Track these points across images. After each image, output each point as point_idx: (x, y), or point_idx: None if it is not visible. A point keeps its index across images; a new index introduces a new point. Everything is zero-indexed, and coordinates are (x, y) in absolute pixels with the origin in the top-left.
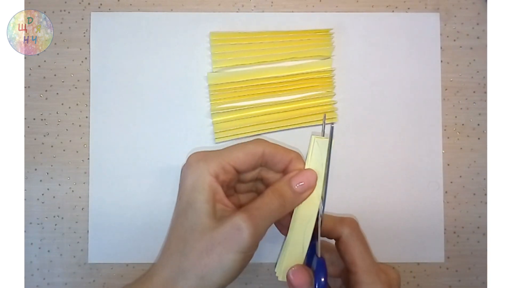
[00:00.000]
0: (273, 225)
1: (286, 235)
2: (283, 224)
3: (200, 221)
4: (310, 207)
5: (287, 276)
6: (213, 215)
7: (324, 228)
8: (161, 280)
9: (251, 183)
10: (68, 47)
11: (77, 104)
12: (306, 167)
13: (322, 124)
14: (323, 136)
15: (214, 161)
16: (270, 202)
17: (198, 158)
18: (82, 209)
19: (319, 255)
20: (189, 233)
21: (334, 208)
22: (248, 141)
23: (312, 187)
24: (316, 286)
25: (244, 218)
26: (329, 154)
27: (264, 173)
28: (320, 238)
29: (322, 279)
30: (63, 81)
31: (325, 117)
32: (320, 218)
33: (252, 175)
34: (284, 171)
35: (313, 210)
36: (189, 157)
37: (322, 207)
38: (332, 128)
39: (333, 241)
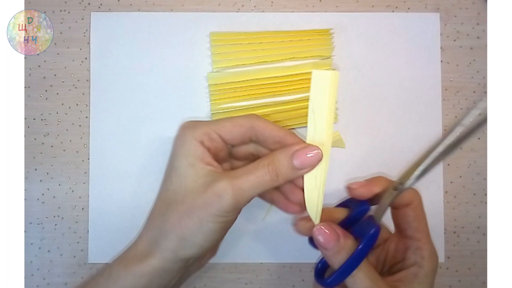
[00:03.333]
0: (272, 227)
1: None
2: (271, 199)
3: (183, 185)
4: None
5: (313, 235)
6: (196, 178)
7: (363, 188)
8: (144, 244)
9: (246, 161)
10: (68, 47)
11: (77, 104)
12: (310, 108)
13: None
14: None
15: (201, 128)
16: (262, 175)
17: (186, 126)
18: (82, 209)
19: (379, 223)
20: (173, 197)
21: None
22: (241, 115)
23: (313, 166)
24: (359, 249)
25: (228, 186)
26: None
27: (260, 150)
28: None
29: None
30: (63, 81)
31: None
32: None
33: (245, 150)
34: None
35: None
36: (179, 126)
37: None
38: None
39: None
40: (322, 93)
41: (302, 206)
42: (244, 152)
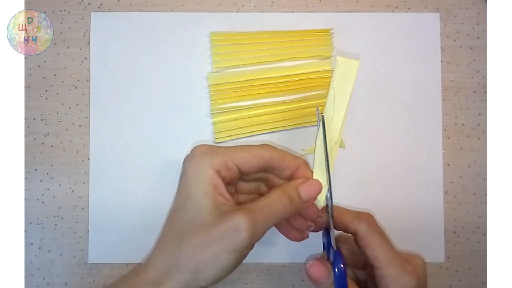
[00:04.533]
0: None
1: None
2: (278, 226)
3: (198, 215)
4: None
5: (306, 270)
6: (212, 209)
7: (339, 222)
8: (155, 272)
9: (253, 184)
10: (68, 47)
11: (77, 104)
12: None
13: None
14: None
15: (218, 156)
16: (276, 205)
17: (202, 150)
18: (82, 209)
19: (335, 248)
20: (187, 227)
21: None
22: (256, 144)
23: (315, 198)
24: (334, 279)
25: (244, 219)
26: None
27: (268, 176)
28: (335, 231)
29: (337, 270)
30: (63, 81)
31: (318, 110)
32: (330, 210)
33: (255, 176)
34: (290, 178)
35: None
36: (193, 148)
37: (330, 198)
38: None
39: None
40: (347, 81)
41: (303, 234)
42: (254, 177)
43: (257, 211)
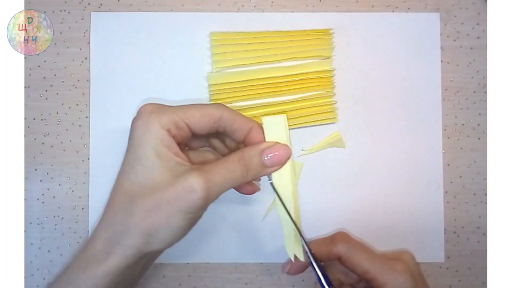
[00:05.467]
0: (272, 227)
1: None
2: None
3: (150, 177)
4: (285, 189)
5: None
6: (165, 171)
7: (320, 256)
8: (103, 242)
9: (204, 140)
10: (68, 47)
11: (77, 104)
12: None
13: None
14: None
15: (168, 115)
16: (233, 170)
17: (150, 109)
18: (82, 209)
19: (325, 284)
20: (137, 190)
21: (334, 208)
22: (208, 103)
23: (282, 163)
24: None
25: (200, 180)
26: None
27: (222, 138)
28: (317, 265)
29: None
30: (63, 81)
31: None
32: (307, 247)
33: (208, 137)
34: (244, 142)
35: (289, 189)
36: (140, 108)
37: (303, 240)
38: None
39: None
40: (279, 137)
41: (255, 187)
42: (205, 141)
43: (214, 173)
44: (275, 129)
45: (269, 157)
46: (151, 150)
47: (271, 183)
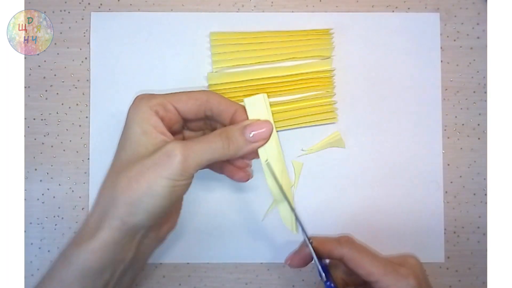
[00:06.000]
0: (272, 227)
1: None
2: (221, 168)
3: (136, 152)
4: (275, 162)
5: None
6: (149, 146)
7: (322, 251)
8: (95, 216)
9: (200, 134)
10: (68, 47)
11: (77, 104)
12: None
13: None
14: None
15: (156, 98)
16: (213, 140)
17: (141, 96)
18: (82, 209)
19: (324, 278)
20: (124, 164)
21: (334, 208)
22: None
23: (265, 139)
24: None
25: (177, 145)
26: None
27: (213, 124)
28: (318, 260)
29: None
30: (63, 81)
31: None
32: (309, 239)
33: (199, 124)
34: (230, 123)
35: (278, 165)
36: (134, 98)
37: (304, 230)
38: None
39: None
40: (262, 115)
41: (248, 173)
42: (199, 126)
43: (194, 142)
44: (256, 108)
45: (252, 134)
46: (138, 128)
47: (267, 163)
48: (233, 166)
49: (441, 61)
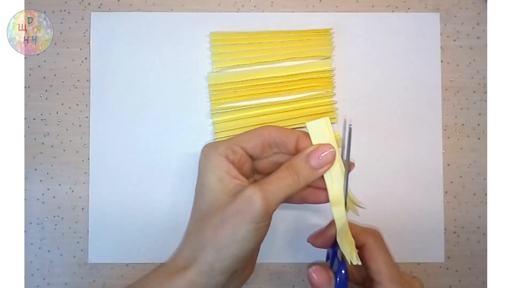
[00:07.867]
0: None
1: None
2: (301, 198)
3: (215, 199)
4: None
5: (308, 275)
6: (227, 192)
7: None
8: (183, 257)
9: (272, 167)
10: (68, 47)
11: (77, 104)
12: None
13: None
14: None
15: (223, 144)
16: (283, 177)
17: (209, 145)
18: (82, 209)
19: (340, 258)
20: (206, 211)
21: None
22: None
23: (330, 162)
24: (335, 287)
25: (255, 189)
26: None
27: (279, 158)
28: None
29: (339, 279)
30: (63, 81)
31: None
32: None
33: (268, 161)
34: (296, 152)
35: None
36: (201, 149)
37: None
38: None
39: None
40: (325, 139)
41: (325, 192)
42: (267, 165)
43: (267, 183)
44: (318, 131)
45: (316, 160)
46: (212, 176)
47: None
48: (313, 188)
49: (441, 61)
